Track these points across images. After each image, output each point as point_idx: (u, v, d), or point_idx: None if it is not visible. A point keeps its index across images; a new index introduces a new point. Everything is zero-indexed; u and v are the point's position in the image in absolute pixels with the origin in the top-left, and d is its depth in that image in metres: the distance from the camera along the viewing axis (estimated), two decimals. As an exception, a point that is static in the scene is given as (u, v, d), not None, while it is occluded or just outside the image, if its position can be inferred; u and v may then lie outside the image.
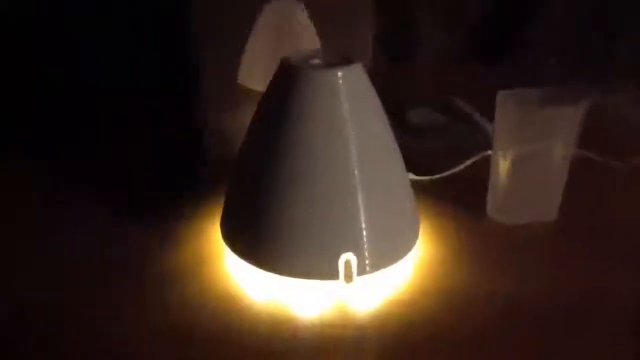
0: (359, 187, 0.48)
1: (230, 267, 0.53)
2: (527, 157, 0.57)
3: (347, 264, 0.48)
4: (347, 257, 0.48)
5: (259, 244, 0.50)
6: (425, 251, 0.56)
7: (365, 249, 0.48)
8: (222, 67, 0.78)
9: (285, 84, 0.49)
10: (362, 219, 0.48)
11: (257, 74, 0.86)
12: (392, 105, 0.53)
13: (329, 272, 0.48)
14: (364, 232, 0.48)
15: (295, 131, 0.48)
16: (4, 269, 0.55)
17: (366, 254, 0.48)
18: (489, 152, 0.62)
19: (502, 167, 0.59)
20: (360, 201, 0.48)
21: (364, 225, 0.48)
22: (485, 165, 0.62)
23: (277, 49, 0.78)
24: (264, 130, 0.50)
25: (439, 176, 0.66)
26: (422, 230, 0.56)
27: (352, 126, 0.48)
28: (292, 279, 0.49)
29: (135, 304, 0.50)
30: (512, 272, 0.54)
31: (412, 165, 0.55)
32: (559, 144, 0.57)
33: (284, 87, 0.49)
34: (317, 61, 0.50)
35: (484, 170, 0.61)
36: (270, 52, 0.83)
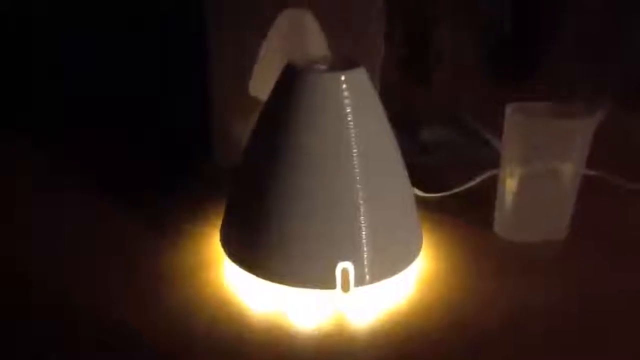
0: (360, 195, 0.47)
1: (227, 273, 0.53)
2: (535, 173, 0.56)
3: (345, 272, 0.47)
4: (344, 266, 0.47)
5: (257, 252, 0.49)
6: (429, 266, 0.55)
7: (365, 258, 0.48)
8: (231, 73, 0.78)
9: (287, 86, 0.49)
10: (363, 228, 0.47)
11: (269, 86, 0.86)
12: (406, 123, 0.53)
13: (327, 281, 0.47)
14: (364, 242, 0.47)
15: (296, 137, 0.47)
16: (4, 269, 0.55)
17: (366, 264, 0.48)
18: (498, 171, 0.60)
19: (510, 184, 0.58)
20: (361, 210, 0.47)
21: (364, 234, 0.47)
22: (494, 182, 0.60)
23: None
24: (266, 135, 0.50)
25: (447, 193, 0.65)
26: (427, 245, 0.55)
27: (354, 131, 0.47)
28: (290, 287, 0.48)
29: (133, 305, 0.50)
30: (517, 290, 0.52)
31: (421, 182, 0.55)
32: (569, 159, 0.56)
33: (285, 89, 0.49)
34: (322, 66, 0.49)
35: (493, 187, 0.60)
36: (282, 64, 0.83)
